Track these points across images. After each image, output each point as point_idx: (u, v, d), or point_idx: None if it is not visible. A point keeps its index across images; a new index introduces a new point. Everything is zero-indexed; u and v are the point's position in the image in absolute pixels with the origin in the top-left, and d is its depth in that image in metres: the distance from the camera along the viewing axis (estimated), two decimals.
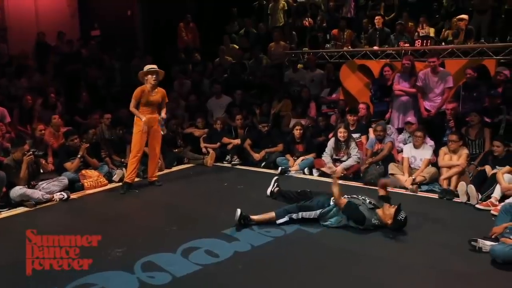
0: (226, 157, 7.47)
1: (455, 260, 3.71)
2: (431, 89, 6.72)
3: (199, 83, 9.52)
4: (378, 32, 8.77)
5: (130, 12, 11.86)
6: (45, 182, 5.44)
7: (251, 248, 3.94)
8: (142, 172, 6.45)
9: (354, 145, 6.41)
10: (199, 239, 4.09)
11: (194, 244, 3.99)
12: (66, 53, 9.81)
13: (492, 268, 3.52)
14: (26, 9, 11.04)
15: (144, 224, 4.72)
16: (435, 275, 3.49)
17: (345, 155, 6.39)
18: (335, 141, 6.39)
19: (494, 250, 3.54)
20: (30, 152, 5.29)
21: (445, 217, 4.70)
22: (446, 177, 5.46)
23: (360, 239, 4.16)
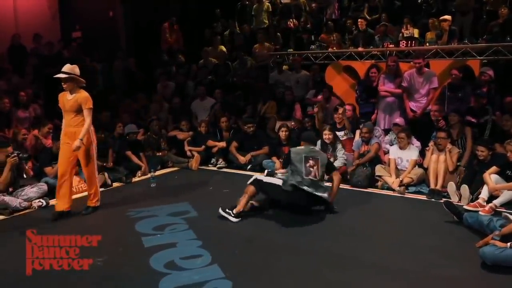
0: (211, 160, 7.35)
1: (446, 264, 3.65)
2: (417, 90, 6.73)
3: (183, 85, 9.39)
4: (362, 33, 8.78)
5: (112, 13, 11.66)
6: (23, 189, 5.23)
7: None
8: (125, 176, 6.33)
9: (341, 147, 6.36)
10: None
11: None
12: (46, 55, 9.56)
13: (483, 272, 3.46)
14: (4, 10, 10.78)
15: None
16: (426, 280, 3.42)
17: (331, 157, 6.32)
18: (321, 143, 6.32)
19: (484, 252, 3.50)
20: (15, 154, 5.10)
21: (434, 219, 4.65)
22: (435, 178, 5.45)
23: (349, 244, 4.09)
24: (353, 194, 5.69)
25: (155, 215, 4.88)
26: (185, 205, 5.19)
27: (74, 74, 4.80)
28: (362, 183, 5.85)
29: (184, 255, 3.80)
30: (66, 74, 4.75)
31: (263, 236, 4.29)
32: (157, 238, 4.23)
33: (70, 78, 4.76)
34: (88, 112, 4.75)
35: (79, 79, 4.85)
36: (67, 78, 4.75)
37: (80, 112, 4.76)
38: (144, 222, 4.67)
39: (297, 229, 4.46)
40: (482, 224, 4.04)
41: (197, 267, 3.63)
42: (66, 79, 4.76)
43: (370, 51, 8.23)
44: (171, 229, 4.45)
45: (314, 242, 4.12)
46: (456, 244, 4.04)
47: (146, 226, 4.53)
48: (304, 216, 4.81)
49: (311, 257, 3.80)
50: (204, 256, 3.81)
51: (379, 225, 4.59)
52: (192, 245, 4.04)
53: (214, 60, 9.92)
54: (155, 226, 4.53)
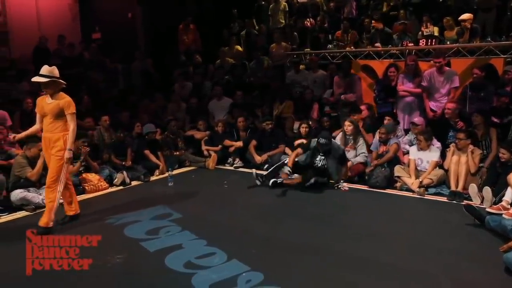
0: (228, 160, 7.37)
1: (467, 267, 3.58)
2: (437, 89, 6.61)
3: (200, 85, 9.44)
4: (379, 32, 8.70)
5: (131, 14, 11.81)
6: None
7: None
8: (143, 175, 6.40)
9: (363, 143, 6.31)
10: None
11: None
12: (67, 57, 9.74)
13: (507, 277, 3.37)
14: (27, 12, 11.02)
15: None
16: (447, 283, 3.35)
17: (351, 149, 6.27)
18: (342, 134, 6.37)
19: (508, 258, 3.40)
20: None
21: (455, 221, 4.56)
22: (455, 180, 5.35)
23: (367, 245, 4.04)
24: (371, 195, 5.63)
25: (138, 220, 4.71)
26: (163, 208, 5.07)
27: (54, 76, 4.38)
28: (381, 184, 5.77)
29: (198, 255, 3.79)
30: (47, 78, 4.34)
31: (279, 236, 4.27)
32: (158, 241, 4.14)
33: (52, 81, 4.36)
34: (72, 117, 4.38)
35: (60, 82, 4.44)
36: (48, 82, 4.34)
37: (61, 117, 4.38)
38: (132, 228, 4.50)
39: (313, 229, 4.42)
40: (505, 228, 3.93)
41: (218, 264, 3.64)
42: (48, 83, 4.35)
43: (389, 50, 8.12)
44: (166, 232, 4.36)
45: (332, 243, 4.08)
46: (477, 248, 3.95)
47: (136, 232, 4.38)
48: (320, 216, 4.79)
49: (330, 258, 3.76)
50: (218, 253, 3.81)
51: (398, 226, 4.51)
52: (199, 245, 4.01)
53: (230, 60, 9.94)
54: (147, 230, 4.40)
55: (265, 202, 5.38)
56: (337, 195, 5.64)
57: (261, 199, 5.47)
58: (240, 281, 3.37)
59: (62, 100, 4.39)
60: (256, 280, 3.38)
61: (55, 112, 4.36)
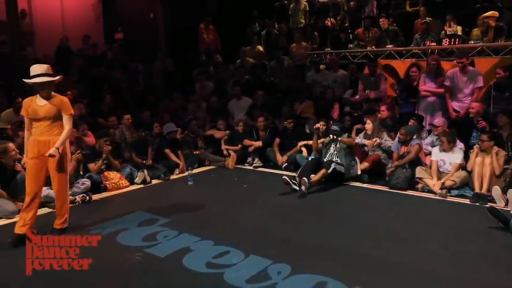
0: (248, 159, 7.39)
1: (489, 271, 3.50)
2: (460, 89, 6.50)
3: (225, 84, 9.47)
4: (385, 32, 8.65)
5: (152, 15, 11.97)
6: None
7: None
8: (163, 174, 6.48)
9: (387, 137, 6.41)
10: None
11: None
12: (91, 56, 9.94)
13: None
14: (53, 14, 11.31)
15: (161, 228, 4.65)
16: (465, 286, 3.30)
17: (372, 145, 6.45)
18: (364, 134, 6.54)
19: None
20: (79, 151, 5.66)
21: (478, 223, 4.47)
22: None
23: (387, 247, 3.99)
24: (392, 196, 5.57)
25: (126, 228, 4.42)
26: (143, 214, 4.85)
27: (55, 75, 4.13)
28: (401, 185, 5.70)
29: (214, 255, 3.77)
30: (48, 76, 4.03)
31: (298, 236, 4.26)
32: (163, 246, 4.01)
33: (52, 81, 4.06)
34: (69, 118, 4.07)
35: (56, 80, 4.11)
36: (50, 82, 4.04)
37: (58, 119, 4.06)
38: (124, 235, 4.24)
39: (333, 229, 4.41)
40: None
41: (239, 261, 3.66)
42: (50, 83, 4.04)
43: (411, 49, 8.01)
44: (164, 236, 4.20)
45: (352, 244, 4.05)
46: (501, 251, 3.87)
47: (132, 239, 4.14)
48: (340, 217, 4.77)
49: (349, 259, 3.74)
50: (232, 252, 3.82)
51: (419, 228, 4.44)
52: (207, 245, 3.97)
53: (251, 60, 9.97)
54: (143, 236, 4.20)
55: (284, 202, 5.38)
56: (357, 196, 5.60)
57: (279, 199, 5.47)
58: (271, 273, 3.45)
59: (58, 100, 4.07)
60: (286, 271, 3.46)
61: (52, 114, 4.03)
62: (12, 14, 8.67)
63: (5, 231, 4.28)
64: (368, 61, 7.97)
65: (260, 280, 3.36)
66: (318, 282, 3.31)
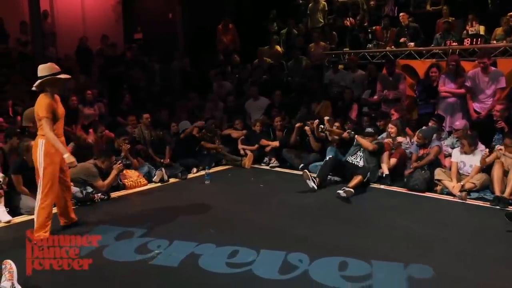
0: (264, 159, 7.40)
1: (505, 275, 3.43)
2: (482, 90, 6.38)
3: (243, 83, 9.49)
4: (406, 28, 8.49)
5: (171, 15, 12.06)
6: None
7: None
8: (181, 172, 6.53)
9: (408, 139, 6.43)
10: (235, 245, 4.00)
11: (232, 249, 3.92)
12: (110, 56, 10.08)
13: None
14: (73, 14, 11.51)
15: (181, 226, 4.69)
16: None
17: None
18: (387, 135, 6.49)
19: None
20: (120, 161, 5.74)
21: (498, 227, 4.37)
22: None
23: (405, 249, 3.95)
24: (410, 198, 5.50)
25: (106, 245, 4.01)
26: (113, 228, 4.45)
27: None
28: (420, 187, 5.62)
29: (227, 256, 3.75)
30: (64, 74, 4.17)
31: (313, 236, 4.24)
32: (166, 255, 3.81)
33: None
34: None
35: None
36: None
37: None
38: (110, 250, 3.92)
39: (351, 231, 4.38)
40: None
41: (255, 257, 3.71)
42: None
43: (431, 49, 7.89)
44: (157, 246, 3.97)
45: (370, 246, 4.01)
46: None
47: (122, 254, 3.86)
48: (358, 218, 4.73)
49: (368, 260, 3.69)
50: (241, 251, 3.83)
51: (437, 231, 4.38)
52: (211, 248, 3.91)
53: (269, 60, 9.96)
54: (135, 248, 3.94)
55: (300, 202, 5.36)
56: (376, 197, 5.54)
57: (296, 199, 5.46)
58: (294, 261, 3.61)
59: (58, 101, 4.17)
60: (306, 259, 3.61)
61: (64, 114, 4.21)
62: (34, 15, 8.84)
63: (26, 226, 4.32)
64: (386, 61, 7.88)
65: (290, 269, 3.49)
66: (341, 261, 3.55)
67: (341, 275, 3.41)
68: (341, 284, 3.29)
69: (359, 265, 3.56)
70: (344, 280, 3.35)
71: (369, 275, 3.41)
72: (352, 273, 3.47)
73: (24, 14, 9.80)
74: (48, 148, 4.03)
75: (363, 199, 5.48)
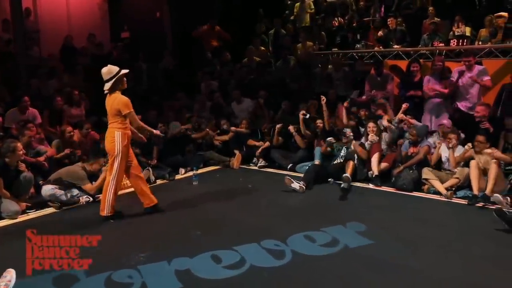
0: (253, 160, 7.35)
1: (494, 273, 3.46)
2: (466, 89, 6.43)
3: (227, 83, 9.43)
4: (393, 32, 8.56)
5: (159, 13, 11.92)
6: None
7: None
8: (168, 173, 6.45)
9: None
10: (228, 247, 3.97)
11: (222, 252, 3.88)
12: (96, 55, 9.92)
13: None
14: (58, 12, 11.27)
15: (169, 228, 4.63)
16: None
17: None
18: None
19: None
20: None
21: (484, 225, 4.41)
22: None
23: (392, 249, 3.95)
24: (398, 197, 5.52)
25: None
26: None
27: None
28: (408, 187, 5.64)
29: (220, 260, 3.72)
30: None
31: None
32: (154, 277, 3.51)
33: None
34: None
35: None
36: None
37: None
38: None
39: (336, 231, 4.35)
40: None
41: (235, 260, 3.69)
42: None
43: (418, 50, 7.94)
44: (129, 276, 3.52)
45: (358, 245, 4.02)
46: (507, 253, 3.82)
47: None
48: (345, 218, 4.72)
49: (353, 261, 3.71)
50: (232, 255, 3.80)
51: (423, 230, 4.40)
52: (186, 262, 3.69)
53: (257, 59, 9.91)
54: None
55: (288, 202, 5.36)
56: (363, 196, 5.55)
57: (285, 200, 5.45)
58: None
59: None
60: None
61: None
62: (16, 13, 8.64)
63: (4, 232, 4.24)
64: (374, 62, 7.92)
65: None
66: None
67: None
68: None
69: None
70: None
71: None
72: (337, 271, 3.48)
73: (5, 12, 9.57)
74: (123, 139, 4.62)
75: (351, 198, 5.48)
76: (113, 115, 4.64)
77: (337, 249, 3.93)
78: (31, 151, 5.85)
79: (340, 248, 3.94)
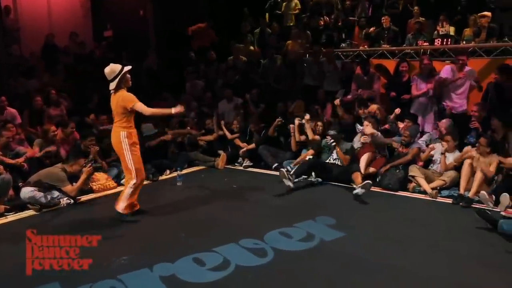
0: (238, 159, 7.28)
1: (479, 271, 3.48)
2: (455, 87, 6.45)
3: (213, 82, 9.32)
4: (386, 31, 8.55)
5: (142, 12, 11.76)
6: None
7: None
8: (152, 174, 6.33)
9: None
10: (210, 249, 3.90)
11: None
12: (78, 54, 9.73)
13: None
14: (38, 9, 11.01)
15: (152, 230, 4.53)
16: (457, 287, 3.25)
17: None
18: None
19: None
20: (90, 164, 5.47)
21: (467, 224, 4.43)
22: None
23: (378, 248, 3.94)
24: (383, 196, 5.51)
25: None
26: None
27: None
28: (393, 186, 5.64)
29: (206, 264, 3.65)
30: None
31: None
32: None
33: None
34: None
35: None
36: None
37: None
38: None
39: (322, 230, 4.32)
40: None
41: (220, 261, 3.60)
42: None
43: (403, 49, 7.96)
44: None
45: (343, 245, 3.99)
46: (492, 252, 3.85)
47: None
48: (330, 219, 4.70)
49: (340, 261, 3.68)
50: (214, 257, 3.75)
51: (409, 229, 4.40)
52: (188, 264, 3.66)
53: (244, 58, 9.83)
54: None
55: (274, 202, 5.31)
56: (349, 196, 5.50)
57: (270, 200, 5.39)
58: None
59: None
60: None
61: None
62: None
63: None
64: (360, 61, 7.91)
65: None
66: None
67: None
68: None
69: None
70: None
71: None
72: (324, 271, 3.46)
73: None
74: (130, 137, 4.54)
75: (337, 199, 5.46)
76: (118, 114, 4.55)
77: (314, 243, 3.99)
78: (10, 152, 5.67)
79: (316, 243, 4.00)
